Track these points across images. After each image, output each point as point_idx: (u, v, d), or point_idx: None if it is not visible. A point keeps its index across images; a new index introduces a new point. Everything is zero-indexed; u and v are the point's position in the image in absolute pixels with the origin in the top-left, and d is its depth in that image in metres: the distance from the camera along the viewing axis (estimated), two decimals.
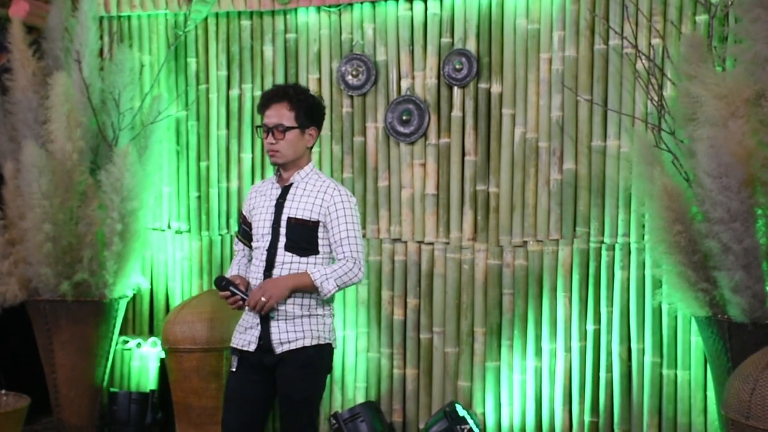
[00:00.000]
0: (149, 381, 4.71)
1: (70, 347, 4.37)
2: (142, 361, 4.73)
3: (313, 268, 2.99)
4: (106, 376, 4.57)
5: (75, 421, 4.42)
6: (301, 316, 3.00)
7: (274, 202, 3.08)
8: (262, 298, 2.92)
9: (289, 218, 3.02)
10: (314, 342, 3.01)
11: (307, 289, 2.98)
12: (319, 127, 3.13)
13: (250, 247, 3.19)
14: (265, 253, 3.03)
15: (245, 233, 3.20)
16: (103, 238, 4.37)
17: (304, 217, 3.01)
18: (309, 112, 3.07)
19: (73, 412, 4.42)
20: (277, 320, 2.99)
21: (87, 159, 4.48)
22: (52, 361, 4.39)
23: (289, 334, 2.98)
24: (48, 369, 4.42)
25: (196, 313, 4.24)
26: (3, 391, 4.26)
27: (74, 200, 4.37)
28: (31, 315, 4.44)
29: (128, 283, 4.55)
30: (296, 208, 3.03)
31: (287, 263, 3.00)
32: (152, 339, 4.72)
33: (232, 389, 3.06)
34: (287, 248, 3.00)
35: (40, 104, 4.47)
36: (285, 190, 3.08)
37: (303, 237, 3.01)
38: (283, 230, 3.02)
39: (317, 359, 3.03)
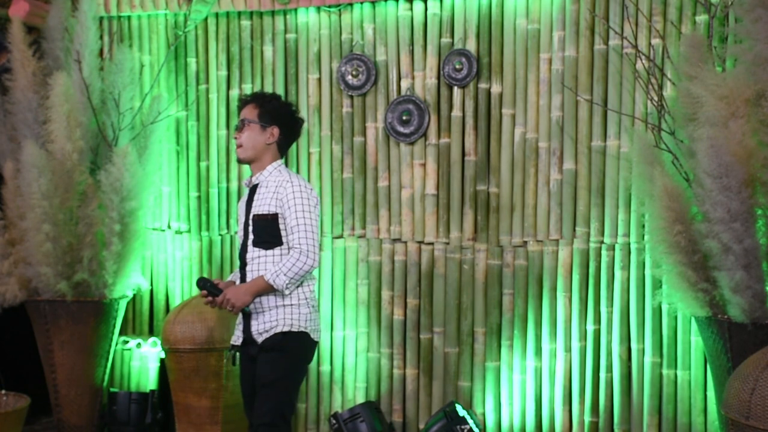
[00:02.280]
0: (149, 381, 4.71)
1: (70, 347, 4.37)
2: (142, 361, 4.73)
3: (265, 269, 3.15)
4: (106, 376, 4.57)
5: (75, 421, 4.42)
6: (276, 307, 3.16)
7: (245, 204, 3.28)
8: (227, 307, 3.14)
9: (253, 215, 3.21)
10: (286, 328, 3.14)
11: (266, 289, 3.14)
12: (282, 129, 3.28)
13: None
14: (240, 251, 3.25)
15: None
16: (102, 238, 4.37)
17: (263, 212, 3.19)
18: (273, 112, 3.26)
19: (73, 412, 4.42)
20: (256, 313, 3.17)
21: (87, 159, 4.48)
22: (52, 361, 4.39)
23: (266, 324, 3.16)
24: (48, 369, 4.42)
25: (196, 313, 4.24)
26: (3, 391, 4.26)
27: (74, 200, 4.37)
28: (31, 315, 4.44)
29: (128, 283, 4.55)
30: (259, 205, 3.21)
31: (256, 258, 3.19)
32: (152, 339, 4.72)
33: (243, 387, 3.28)
34: (255, 244, 3.20)
35: (40, 104, 4.47)
36: (252, 191, 3.26)
37: (266, 231, 3.18)
38: (251, 228, 3.21)
39: (287, 344, 3.13)
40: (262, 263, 3.17)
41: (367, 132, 4.43)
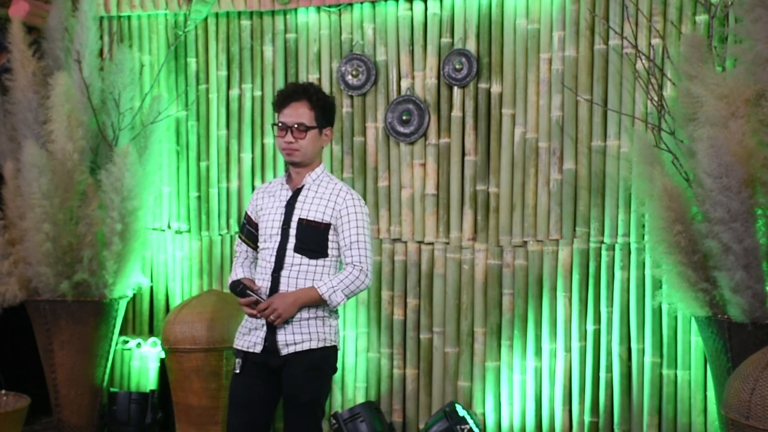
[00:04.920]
0: (149, 381, 4.71)
1: (70, 347, 4.37)
2: (142, 361, 4.73)
3: (320, 281, 2.99)
4: (106, 376, 4.57)
5: (75, 421, 4.42)
6: (308, 319, 2.99)
7: (284, 203, 3.06)
8: (271, 317, 2.94)
9: (300, 219, 3.01)
10: (320, 344, 3.00)
11: (315, 302, 2.98)
12: (332, 128, 3.14)
13: (254, 248, 3.18)
14: (274, 254, 3.01)
15: (250, 234, 3.18)
16: (103, 238, 4.37)
17: (316, 219, 3.01)
18: (327, 112, 3.08)
19: (73, 412, 4.42)
20: (283, 322, 2.97)
21: (87, 159, 4.48)
22: (52, 361, 4.39)
23: (296, 336, 2.97)
24: (48, 369, 4.42)
25: (196, 313, 4.24)
26: (3, 391, 4.26)
27: (74, 200, 4.37)
28: (31, 315, 4.44)
29: (128, 283, 4.55)
30: (308, 209, 3.02)
31: (296, 265, 2.99)
32: (152, 339, 4.72)
33: (237, 393, 3.05)
34: (296, 249, 2.99)
35: (40, 104, 4.47)
36: (297, 192, 3.07)
37: (313, 239, 3.00)
38: (293, 231, 3.00)
39: (323, 362, 3.02)
40: (303, 272, 2.98)
41: (367, 132, 4.43)
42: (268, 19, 4.60)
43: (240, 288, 2.99)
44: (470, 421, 3.97)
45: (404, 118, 4.30)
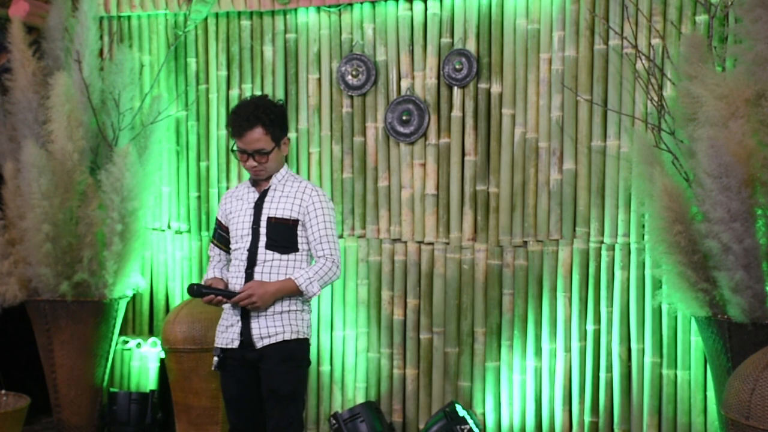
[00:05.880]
0: (149, 381, 4.71)
1: (70, 347, 4.37)
2: (142, 361, 4.73)
3: (296, 272, 3.09)
4: (106, 376, 4.57)
5: (75, 421, 4.42)
6: (281, 312, 3.08)
7: (252, 205, 3.16)
8: (249, 307, 3.02)
9: (269, 218, 3.12)
10: (294, 336, 3.09)
11: (292, 293, 3.08)
12: (288, 132, 3.20)
13: (226, 251, 3.27)
14: (246, 252, 3.11)
15: (221, 238, 3.28)
16: (103, 238, 4.37)
17: (284, 216, 3.12)
18: (281, 124, 3.14)
19: (73, 412, 4.42)
20: (257, 316, 3.07)
21: (87, 159, 4.48)
22: (52, 361, 4.39)
23: (269, 329, 3.06)
24: (48, 369, 4.42)
25: (196, 313, 4.24)
26: (3, 391, 4.26)
27: (74, 200, 4.37)
28: (31, 315, 4.44)
29: (128, 283, 4.55)
30: (276, 208, 3.13)
31: (269, 260, 3.09)
32: (152, 339, 4.72)
33: (227, 391, 3.16)
34: (268, 247, 3.10)
35: (40, 104, 4.47)
36: (263, 193, 3.17)
37: (283, 236, 3.11)
38: (263, 230, 3.11)
39: (297, 353, 3.11)
40: (276, 267, 3.08)
41: (367, 132, 4.43)
42: (268, 19, 4.60)
43: (195, 289, 3.06)
44: (470, 421, 3.97)
45: (404, 118, 4.30)
